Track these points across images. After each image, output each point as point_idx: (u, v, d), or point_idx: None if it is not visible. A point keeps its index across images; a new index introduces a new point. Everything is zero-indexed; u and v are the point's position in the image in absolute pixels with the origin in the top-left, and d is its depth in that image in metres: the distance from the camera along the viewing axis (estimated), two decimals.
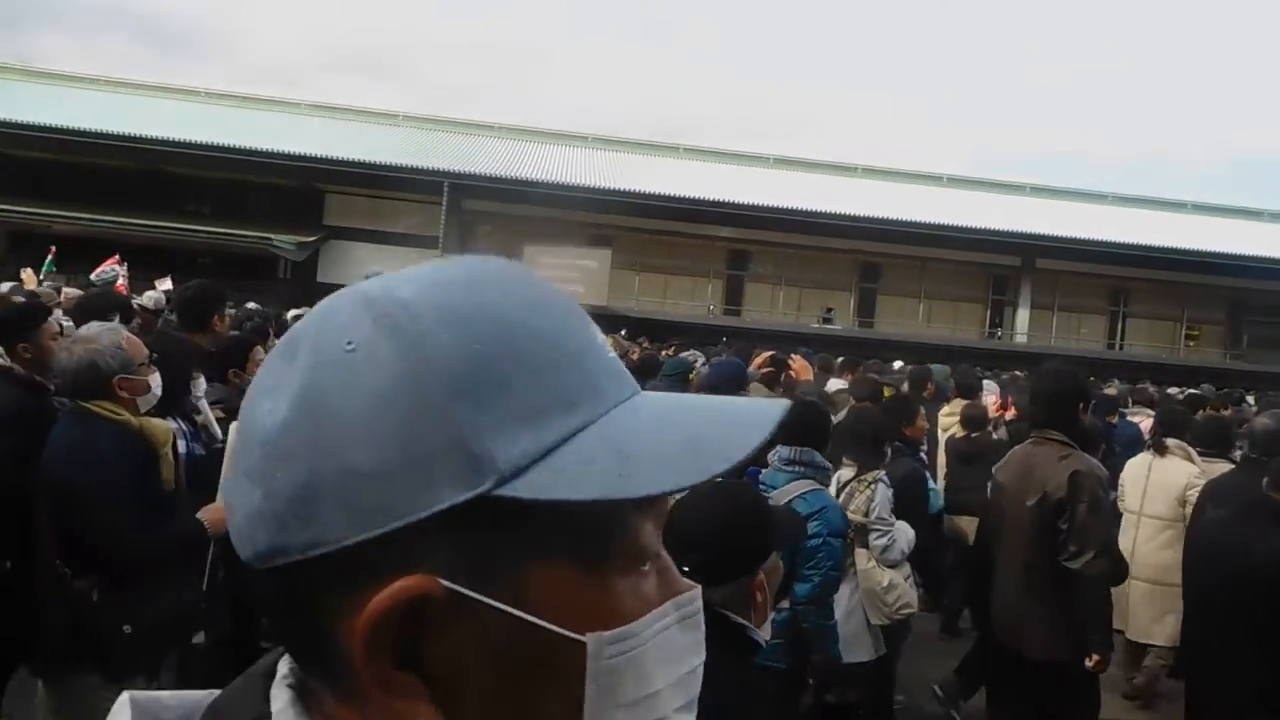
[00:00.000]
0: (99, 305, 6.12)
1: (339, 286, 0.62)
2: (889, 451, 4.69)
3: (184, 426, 3.47)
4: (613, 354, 0.59)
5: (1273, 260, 30.95)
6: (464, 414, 0.50)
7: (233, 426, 3.24)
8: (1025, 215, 31.37)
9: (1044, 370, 4.33)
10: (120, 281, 12.02)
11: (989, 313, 34.35)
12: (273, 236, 27.16)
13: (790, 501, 3.56)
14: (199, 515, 3.03)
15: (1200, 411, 8.19)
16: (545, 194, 28.76)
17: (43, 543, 2.91)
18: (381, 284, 0.55)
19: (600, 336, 0.60)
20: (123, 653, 2.80)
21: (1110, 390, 14.99)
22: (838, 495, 4.21)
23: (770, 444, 3.65)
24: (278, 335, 6.73)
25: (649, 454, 0.52)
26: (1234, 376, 26.56)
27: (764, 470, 3.93)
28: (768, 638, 1.91)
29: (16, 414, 3.34)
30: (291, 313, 15.79)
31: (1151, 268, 32.21)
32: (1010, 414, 8.38)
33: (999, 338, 33.26)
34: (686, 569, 1.20)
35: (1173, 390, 15.28)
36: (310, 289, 27.87)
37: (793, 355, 9.10)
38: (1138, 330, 35.20)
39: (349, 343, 0.52)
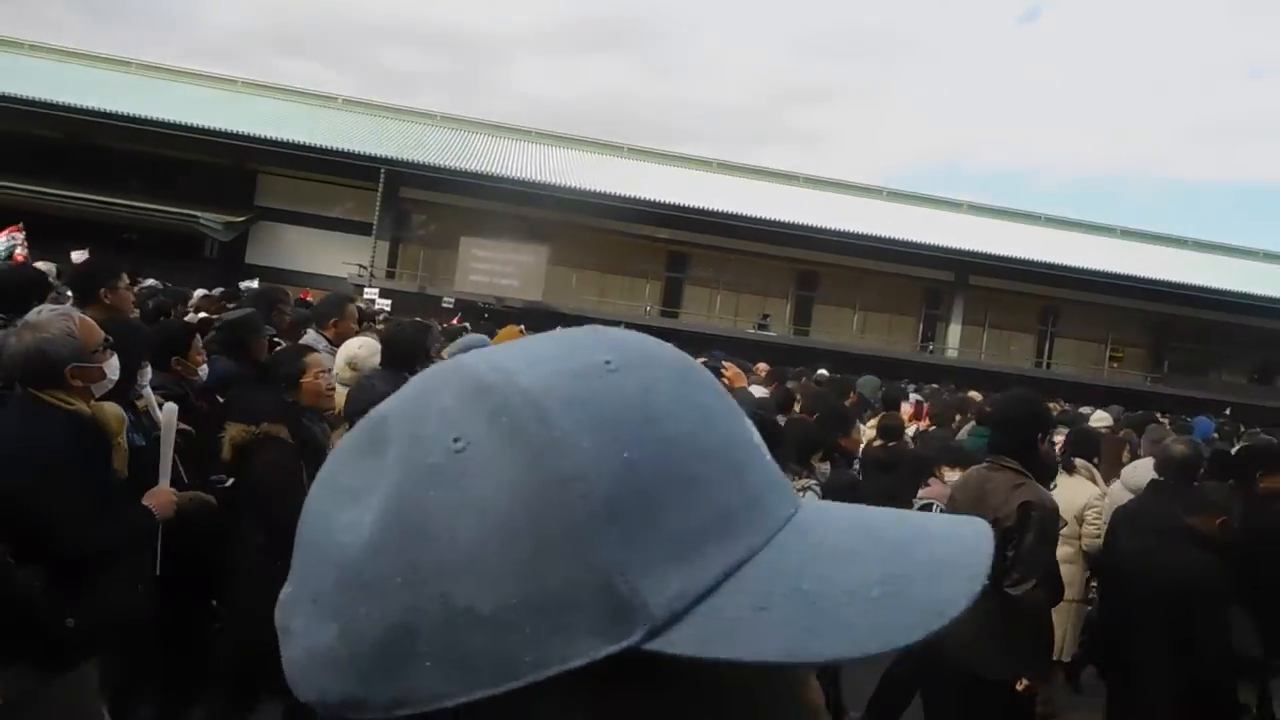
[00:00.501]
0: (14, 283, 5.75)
1: (267, 269, 0.50)
2: (826, 463, 4.65)
3: (127, 416, 3.27)
4: (769, 456, 0.45)
5: (1194, 287, 31.87)
6: (608, 544, 0.39)
7: (167, 407, 3.28)
8: (961, 232, 31.88)
9: (1006, 396, 4.36)
10: (20, 252, 11.45)
11: (922, 326, 34.78)
12: (199, 215, 26.34)
13: None
14: (145, 501, 2.98)
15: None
16: (484, 186, 28.42)
17: None
18: (493, 364, 0.43)
19: (755, 433, 0.46)
20: (64, 646, 2.74)
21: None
22: None
23: None
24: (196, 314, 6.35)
25: (840, 600, 0.39)
26: (1155, 399, 27.27)
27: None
28: None
29: None
30: (217, 290, 15.29)
31: (1080, 289, 32.95)
32: (924, 424, 8.41)
33: (931, 351, 33.69)
34: None
35: (1085, 409, 15.49)
36: (237, 270, 27.12)
37: (724, 362, 9.13)
38: (1065, 350, 35.96)
39: (456, 440, 0.41)
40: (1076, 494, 5.81)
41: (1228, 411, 24.47)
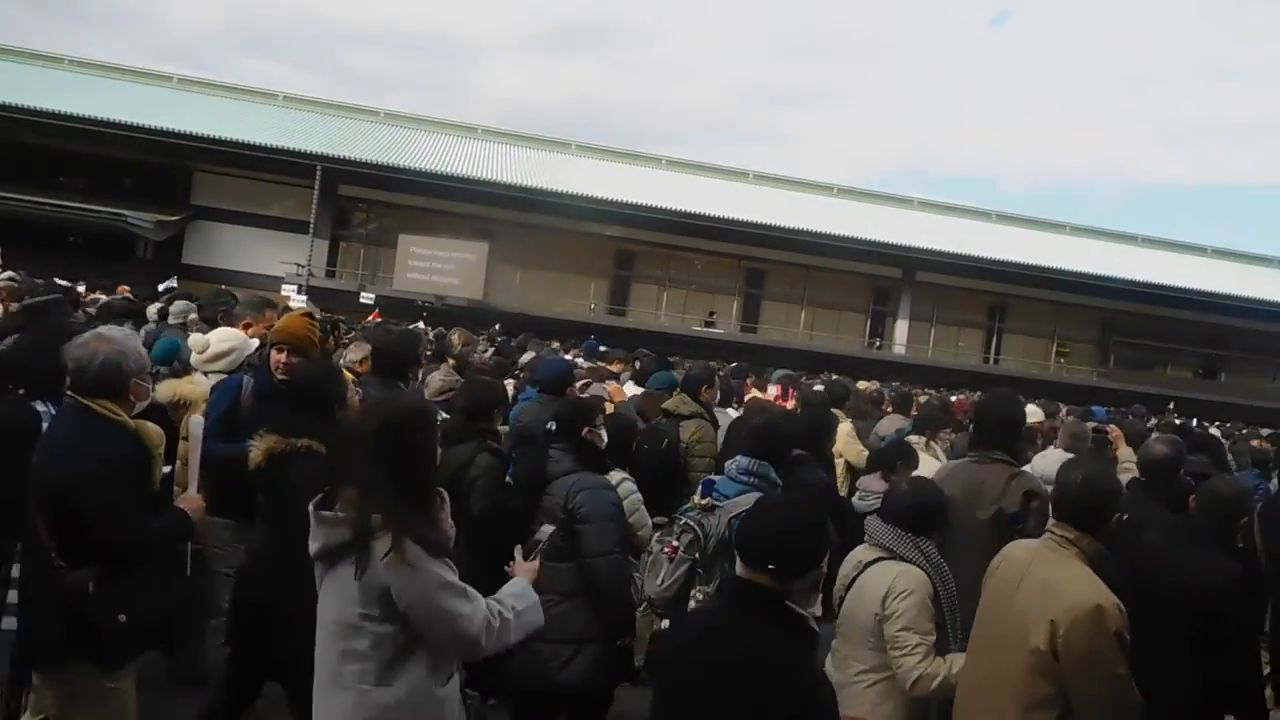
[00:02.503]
0: None
1: (206, 269, 0.50)
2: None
3: (52, 411, 3.45)
4: None
5: (1141, 283, 32.04)
6: None
7: (194, 420, 3.79)
8: (909, 228, 31.85)
9: (991, 395, 4.71)
10: None
11: (869, 323, 34.74)
12: (127, 214, 25.72)
13: (740, 512, 3.56)
14: (178, 504, 3.27)
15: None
16: (426, 184, 28.03)
17: (33, 537, 2.98)
18: None
19: None
20: (118, 642, 2.93)
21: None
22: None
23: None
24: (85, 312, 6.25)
25: None
26: (1102, 395, 27.35)
27: (719, 478, 4.05)
28: (817, 613, 2.26)
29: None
30: (164, 285, 14.81)
31: (1028, 285, 33.05)
32: (790, 404, 8.43)
33: (879, 348, 33.65)
34: (772, 567, 2.15)
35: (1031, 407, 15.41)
36: (173, 270, 26.55)
37: (610, 363, 9.35)
38: (1013, 346, 36.06)
39: None
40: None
41: (1172, 405, 24.59)
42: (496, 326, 19.87)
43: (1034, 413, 11.32)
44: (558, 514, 3.72)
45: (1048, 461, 5.84)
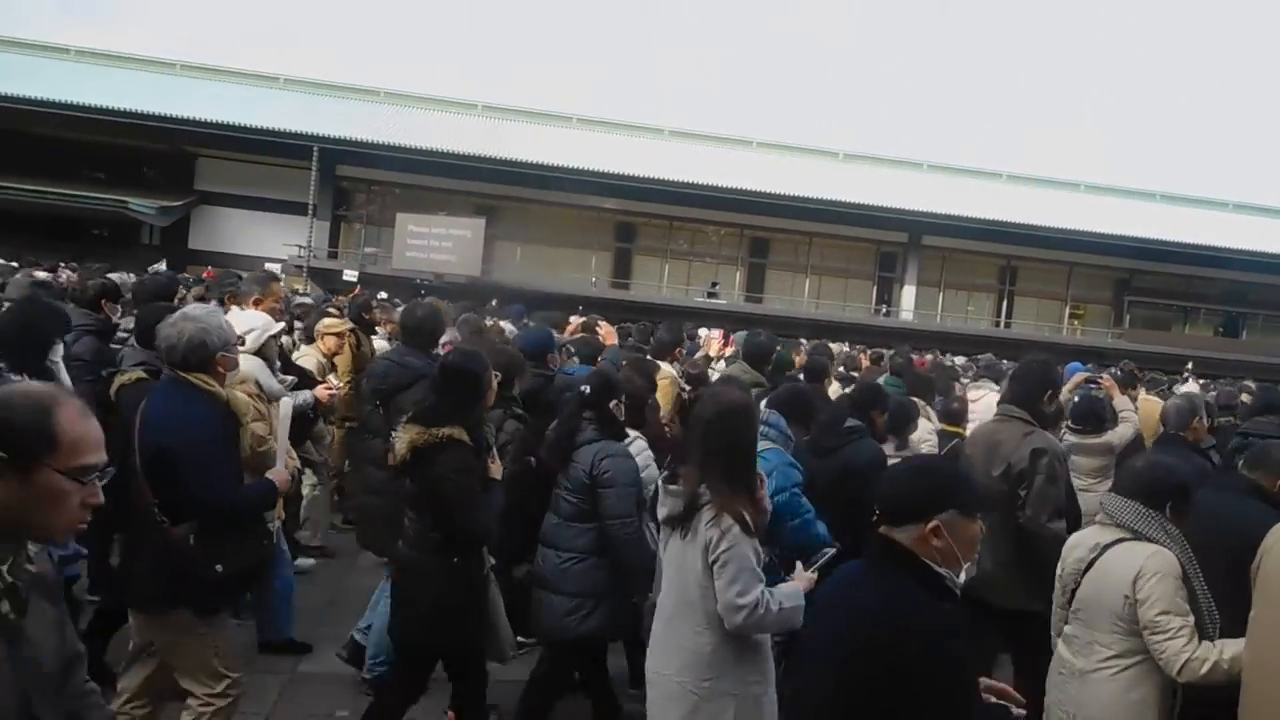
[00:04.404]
0: None
1: (211, 254, 0.50)
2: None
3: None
4: None
5: (1157, 242, 31.33)
6: None
7: (284, 401, 3.99)
8: (916, 191, 31.36)
9: (1025, 359, 4.93)
10: None
11: (876, 289, 34.38)
12: (130, 200, 26.11)
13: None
14: (269, 476, 3.52)
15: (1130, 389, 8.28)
16: (424, 161, 28.11)
17: (137, 494, 3.24)
18: None
19: None
20: (214, 590, 3.24)
21: (945, 361, 14.86)
22: None
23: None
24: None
25: None
26: (1118, 355, 26.86)
27: None
28: (961, 580, 2.26)
29: None
30: (153, 268, 15.13)
31: (1039, 247, 32.46)
32: (729, 350, 8.42)
33: (886, 315, 33.31)
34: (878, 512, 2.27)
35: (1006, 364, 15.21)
36: (181, 256, 27.01)
37: (600, 322, 9.30)
38: (1025, 309, 35.50)
39: None
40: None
41: (1190, 365, 24.15)
42: (494, 302, 19.92)
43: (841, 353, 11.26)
44: (583, 478, 4.04)
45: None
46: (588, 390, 4.22)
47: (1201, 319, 36.27)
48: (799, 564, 3.38)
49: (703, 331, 13.69)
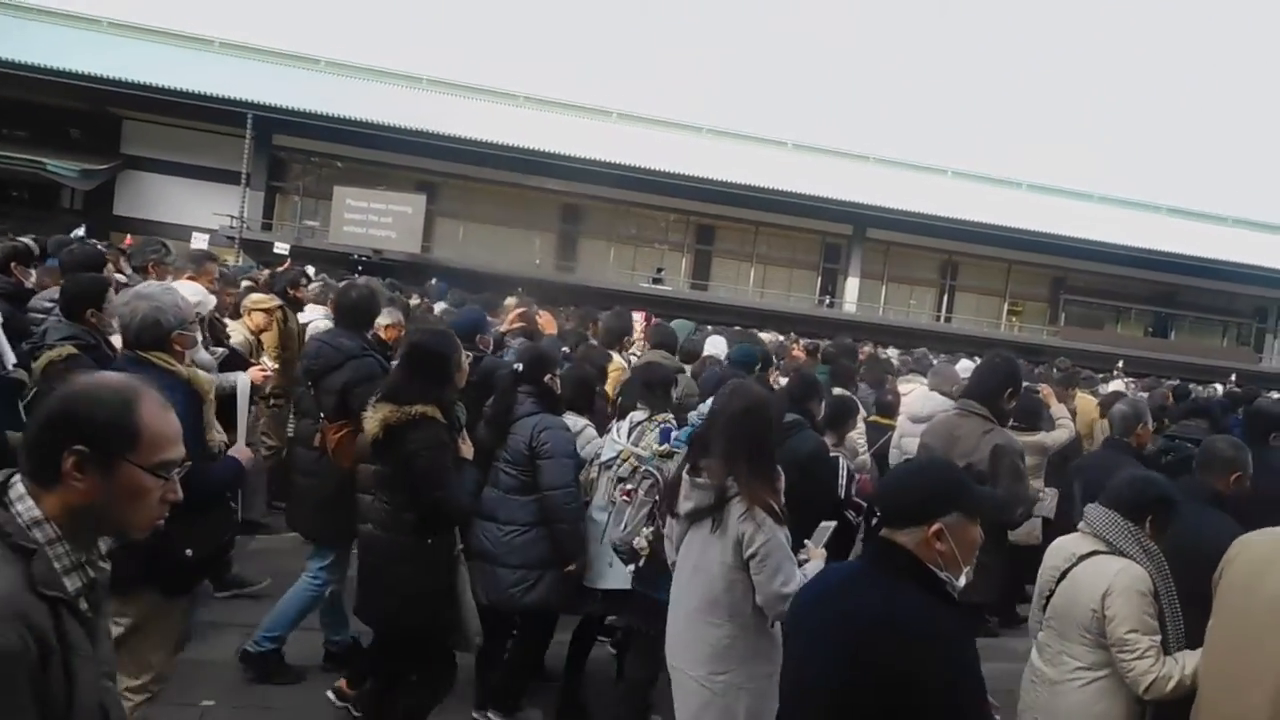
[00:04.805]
0: None
1: (137, 221, 0.50)
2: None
3: None
4: None
5: (1093, 242, 31.89)
6: None
7: (241, 377, 3.90)
8: (862, 184, 31.44)
9: (990, 355, 5.04)
10: None
11: (820, 280, 34.45)
12: (46, 161, 24.80)
13: None
14: (233, 454, 3.47)
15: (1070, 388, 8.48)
16: (365, 134, 27.24)
17: None
18: None
19: None
20: (183, 573, 3.29)
21: (880, 354, 14.90)
22: (629, 435, 4.55)
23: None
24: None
25: None
26: (1053, 352, 27.25)
27: (681, 427, 4.16)
28: (961, 584, 2.21)
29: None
30: (75, 233, 14.28)
31: (980, 243, 32.83)
32: (652, 322, 8.87)
33: (830, 306, 33.41)
34: (879, 514, 2.54)
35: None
36: (105, 222, 25.78)
37: (540, 310, 9.16)
38: (965, 304, 35.95)
39: None
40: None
41: (1121, 364, 24.59)
42: (433, 281, 19.35)
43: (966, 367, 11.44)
44: (522, 450, 4.19)
45: (923, 404, 6.42)
46: (520, 366, 4.37)
47: (1133, 318, 37.14)
48: (808, 542, 3.45)
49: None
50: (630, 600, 4.24)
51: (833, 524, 3.66)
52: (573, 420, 4.55)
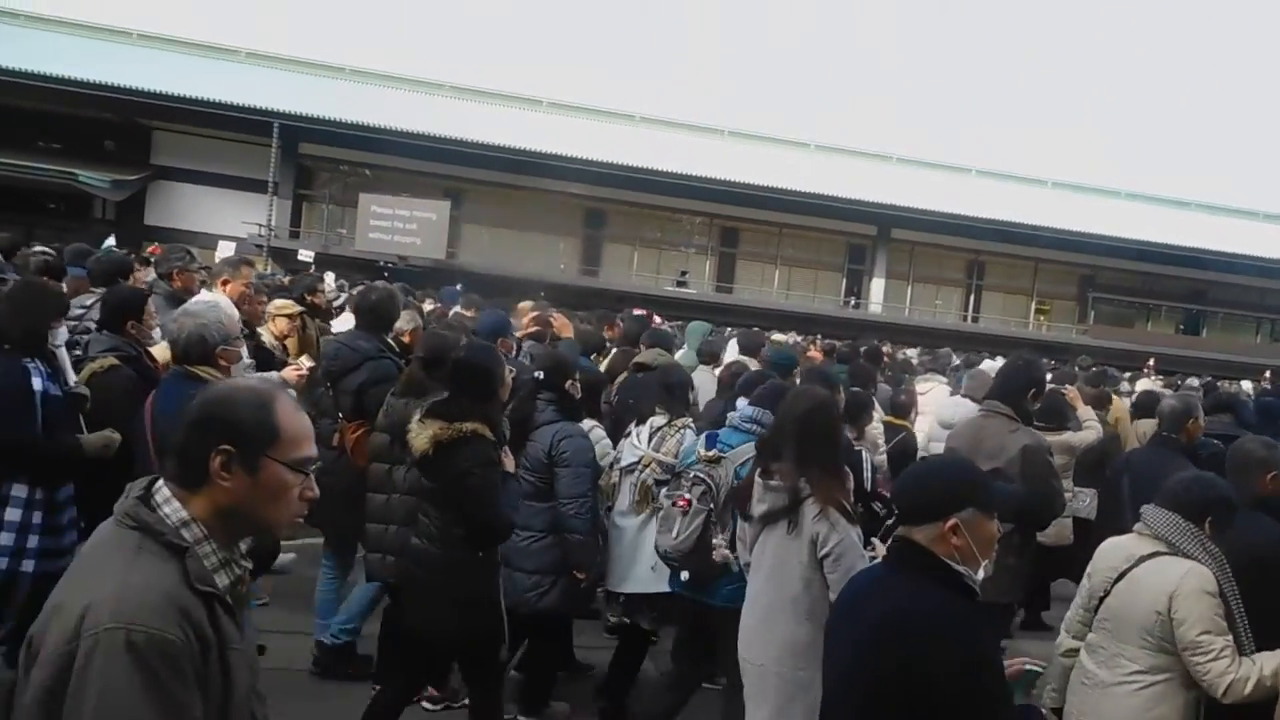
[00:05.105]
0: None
1: (168, 230, 0.50)
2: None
3: (42, 367, 3.75)
4: None
5: (1122, 239, 31.56)
6: None
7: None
8: (885, 184, 31.28)
9: (1014, 356, 5.16)
10: None
11: (845, 281, 34.30)
12: (78, 172, 25.16)
13: (745, 461, 3.85)
14: None
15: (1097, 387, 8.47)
16: (389, 141, 27.42)
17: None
18: None
19: None
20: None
21: (899, 354, 14.85)
22: (649, 440, 4.64)
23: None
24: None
25: None
26: (1082, 351, 26.99)
27: (721, 430, 4.17)
28: (980, 578, 2.22)
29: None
30: (106, 243, 14.47)
31: (1007, 242, 32.56)
32: (614, 334, 8.95)
33: (856, 307, 33.25)
34: (896, 511, 2.50)
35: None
36: (137, 232, 26.11)
37: (554, 313, 9.17)
38: (992, 304, 35.66)
39: None
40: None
41: (1152, 362, 24.30)
42: (459, 286, 19.45)
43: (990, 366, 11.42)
44: (541, 458, 4.22)
45: (957, 410, 6.43)
46: (541, 374, 4.40)
47: (1163, 316, 36.69)
48: (875, 539, 3.64)
49: None
50: (667, 603, 4.31)
51: (892, 520, 3.73)
52: (583, 424, 4.60)
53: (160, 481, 1.65)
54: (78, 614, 1.47)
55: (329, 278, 18.88)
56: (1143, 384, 12.70)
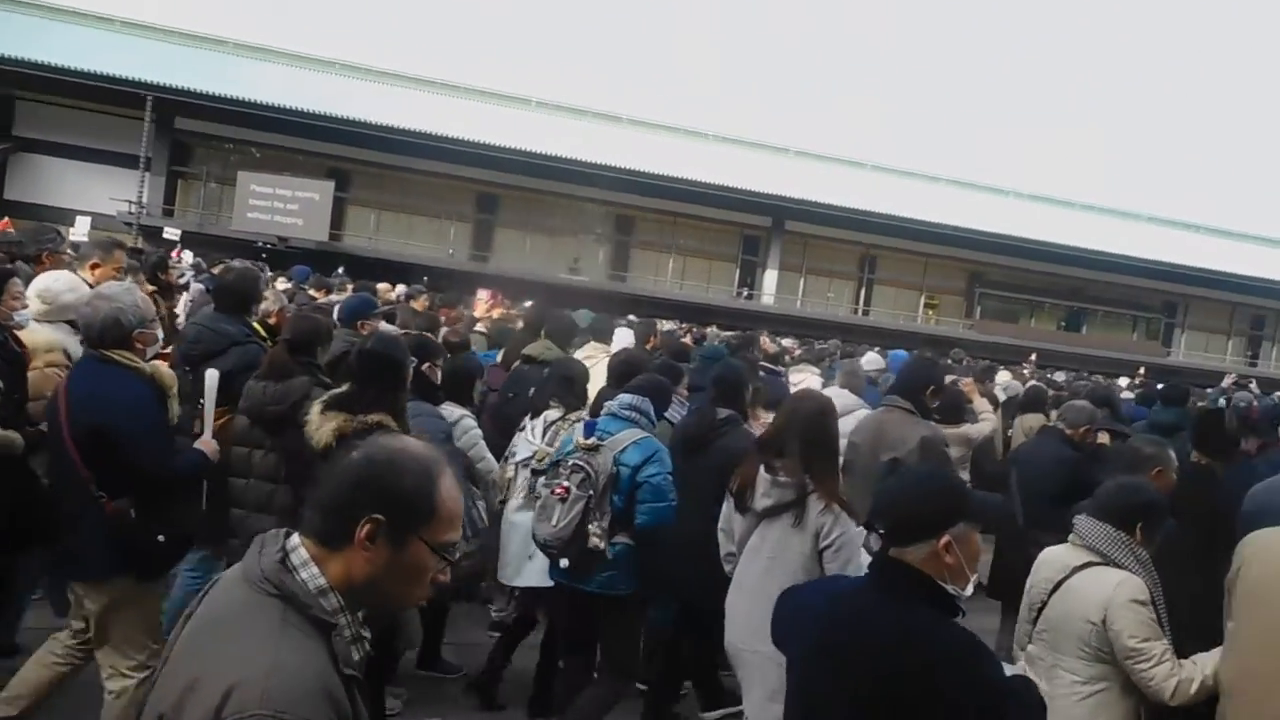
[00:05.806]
0: None
1: (31, 205, 0.50)
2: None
3: None
4: None
5: (1007, 237, 32.40)
6: None
7: (210, 373, 4.00)
8: (780, 176, 31.48)
9: (914, 356, 5.68)
10: None
11: (739, 272, 34.48)
12: None
13: (624, 449, 4.00)
14: (198, 446, 3.73)
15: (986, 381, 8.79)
16: (271, 119, 26.48)
17: (73, 472, 3.36)
18: None
19: None
20: (158, 557, 3.49)
21: (770, 346, 14.82)
22: (544, 434, 4.66)
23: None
24: None
25: None
26: (968, 346, 27.59)
27: (600, 418, 4.20)
28: (967, 594, 2.16)
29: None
30: None
31: (898, 236, 33.13)
32: (496, 312, 9.18)
33: (748, 297, 33.45)
34: (880, 530, 2.24)
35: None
36: None
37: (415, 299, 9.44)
38: (883, 297, 36.27)
39: None
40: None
41: (1033, 357, 24.94)
42: (340, 270, 18.87)
43: (872, 361, 11.56)
44: None
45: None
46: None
47: (1046, 312, 37.82)
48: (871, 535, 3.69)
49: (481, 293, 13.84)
50: (551, 595, 4.39)
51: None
52: (450, 410, 4.62)
53: (296, 537, 1.52)
54: (220, 693, 1.35)
55: (186, 256, 18.08)
56: (1003, 377, 12.89)
